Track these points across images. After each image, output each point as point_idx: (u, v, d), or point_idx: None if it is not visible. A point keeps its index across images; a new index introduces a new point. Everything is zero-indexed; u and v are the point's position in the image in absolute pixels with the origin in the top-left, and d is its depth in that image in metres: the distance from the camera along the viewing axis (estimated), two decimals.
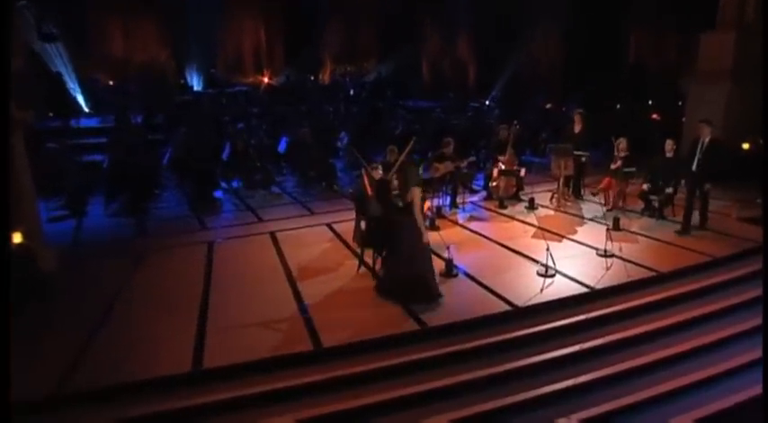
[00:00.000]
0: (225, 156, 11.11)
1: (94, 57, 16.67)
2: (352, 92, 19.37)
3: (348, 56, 21.98)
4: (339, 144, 12.68)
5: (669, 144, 8.63)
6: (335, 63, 21.87)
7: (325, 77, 21.30)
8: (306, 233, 8.31)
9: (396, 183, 6.18)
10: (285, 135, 12.52)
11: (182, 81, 18.18)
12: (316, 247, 7.59)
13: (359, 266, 6.69)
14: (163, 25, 17.74)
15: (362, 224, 7.15)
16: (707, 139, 7.76)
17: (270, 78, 19.22)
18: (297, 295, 6.08)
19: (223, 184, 11.05)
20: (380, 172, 7.17)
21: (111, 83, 17.12)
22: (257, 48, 20.01)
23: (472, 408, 4.53)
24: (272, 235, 8.21)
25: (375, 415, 4.46)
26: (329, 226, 8.59)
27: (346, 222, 8.47)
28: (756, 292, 6.26)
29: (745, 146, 11.22)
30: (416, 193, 5.89)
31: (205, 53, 18.35)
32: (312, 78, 20.65)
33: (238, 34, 19.62)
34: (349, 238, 7.77)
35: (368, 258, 6.68)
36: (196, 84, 18.36)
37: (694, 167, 7.84)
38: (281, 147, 12.19)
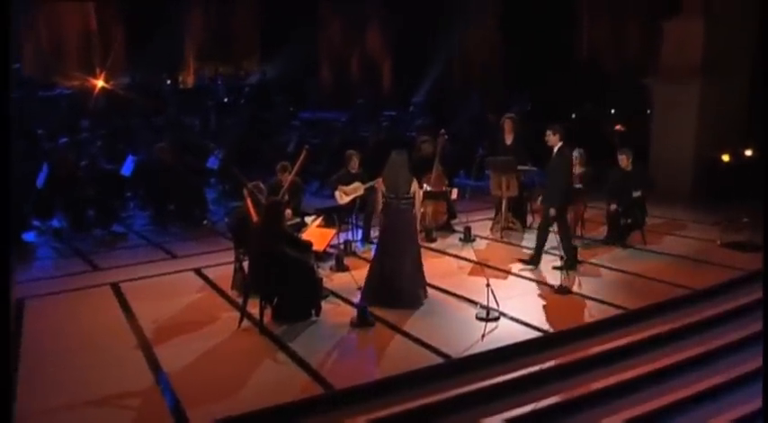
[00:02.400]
0: (40, 183, 10.80)
1: None
2: (226, 99, 19.51)
3: (220, 51, 22.21)
4: (210, 165, 12.71)
5: (623, 159, 9.57)
6: (202, 61, 22.01)
7: (189, 80, 21.35)
8: (165, 282, 8.26)
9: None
10: (132, 154, 12.40)
11: None
12: (179, 300, 7.56)
13: (241, 320, 6.73)
14: None
15: (245, 265, 7.22)
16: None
17: (106, 80, 18.96)
18: (153, 363, 6.02)
19: (37, 223, 10.76)
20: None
21: None
22: (86, 38, 19.74)
23: None
24: (115, 287, 8.08)
25: None
26: (198, 272, 8.60)
27: (222, 266, 8.51)
28: (746, 331, 6.90)
29: (725, 158, 12.39)
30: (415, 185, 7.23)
31: None
32: (169, 81, 20.62)
33: (56, 18, 19.25)
34: (226, 285, 7.81)
35: (253, 309, 6.75)
36: None
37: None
38: (126, 169, 12.03)
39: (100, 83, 18.84)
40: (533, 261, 8.58)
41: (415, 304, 7.16)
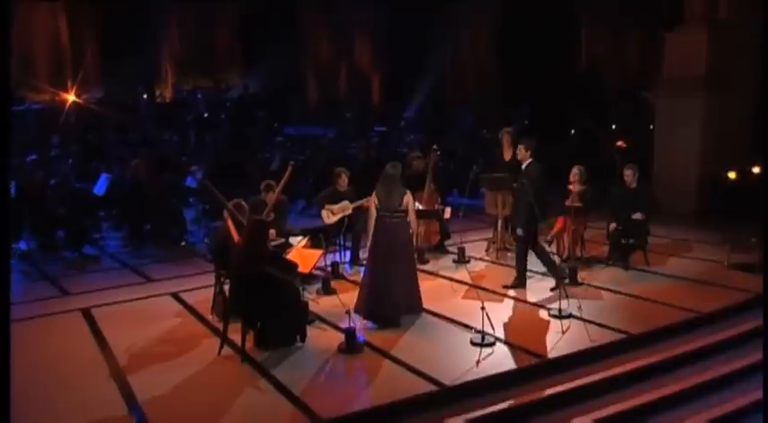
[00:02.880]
0: None
1: None
2: (206, 114, 19.60)
3: (199, 64, 22.34)
4: (189, 183, 12.75)
5: (628, 175, 9.64)
6: (180, 74, 22.12)
7: (166, 94, 21.44)
8: (140, 308, 8.28)
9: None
10: (106, 172, 12.43)
11: None
12: (155, 326, 7.57)
13: (221, 346, 6.74)
14: None
15: (226, 288, 7.24)
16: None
17: (78, 94, 18.99)
18: (126, 393, 6.01)
19: None
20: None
21: None
22: (57, 50, 19.79)
23: None
24: (86, 313, 8.08)
25: None
26: (175, 296, 8.63)
27: (201, 290, 8.57)
28: (755, 357, 6.94)
29: (731, 175, 12.54)
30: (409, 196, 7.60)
31: None
32: (145, 95, 20.70)
33: (26, 29, 19.30)
34: (205, 310, 7.85)
35: (234, 335, 6.76)
36: None
37: None
38: (100, 188, 12.06)
39: (71, 97, 18.89)
40: (517, 284, 8.66)
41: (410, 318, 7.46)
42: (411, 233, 7.86)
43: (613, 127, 18.09)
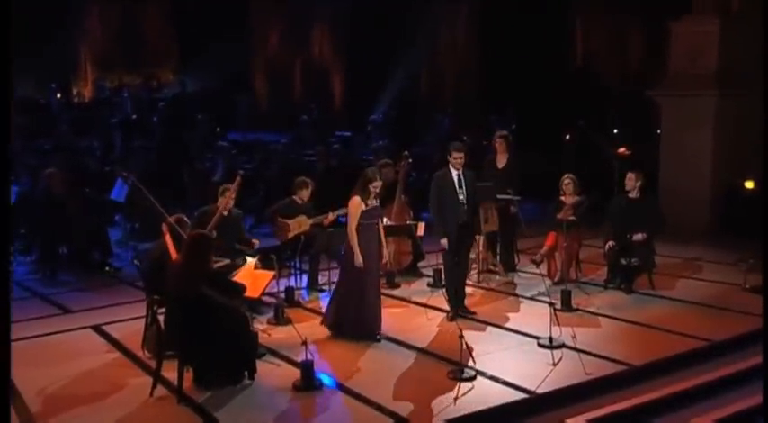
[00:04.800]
0: None
1: None
2: (134, 116, 19.53)
3: (126, 58, 22.22)
4: (114, 196, 12.67)
5: (630, 179, 9.80)
6: (103, 70, 21.98)
7: (85, 92, 21.30)
8: (56, 343, 8.22)
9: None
10: (12, 184, 12.32)
11: None
12: (74, 365, 7.52)
13: (153, 386, 6.72)
14: None
15: (160, 317, 7.25)
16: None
17: None
18: None
19: None
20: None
21: None
22: None
23: None
24: None
25: None
26: (98, 330, 8.59)
27: (129, 321, 8.56)
28: None
29: (748, 184, 12.77)
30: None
31: None
32: (59, 94, 20.53)
33: None
34: (135, 344, 7.81)
35: (169, 373, 6.75)
36: None
37: None
38: None
39: None
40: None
41: (372, 337, 7.95)
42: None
43: (615, 131, 18.31)
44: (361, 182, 8.14)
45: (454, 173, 8.73)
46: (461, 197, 8.72)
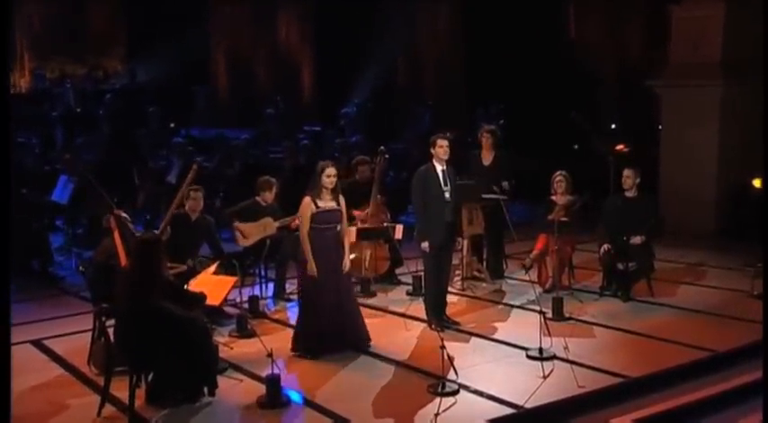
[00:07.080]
0: None
1: None
2: (78, 109, 19.42)
3: (67, 45, 22.07)
4: (56, 198, 12.61)
5: (628, 177, 9.87)
6: (41, 58, 21.82)
7: (21, 83, 21.14)
8: None
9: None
10: None
11: None
12: (13, 383, 7.43)
13: (101, 405, 6.69)
14: None
15: (109, 330, 7.22)
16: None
17: None
18: None
19: None
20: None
21: None
22: None
23: None
24: None
25: None
26: (38, 344, 8.54)
27: (73, 335, 8.55)
28: None
29: (756, 183, 12.85)
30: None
31: None
32: None
33: None
34: (80, 359, 7.78)
35: (119, 390, 6.74)
36: None
37: None
38: None
39: None
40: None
41: (361, 345, 8.03)
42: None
43: (612, 127, 18.40)
44: (313, 177, 8.01)
45: (439, 168, 8.72)
46: (447, 195, 8.72)
